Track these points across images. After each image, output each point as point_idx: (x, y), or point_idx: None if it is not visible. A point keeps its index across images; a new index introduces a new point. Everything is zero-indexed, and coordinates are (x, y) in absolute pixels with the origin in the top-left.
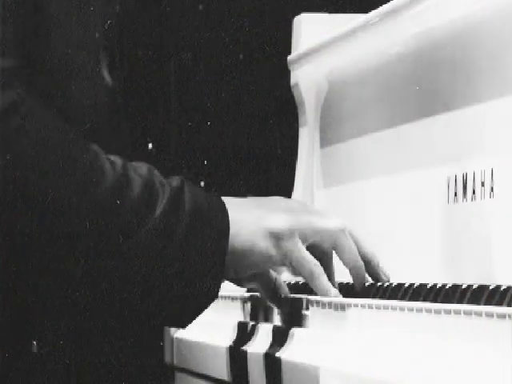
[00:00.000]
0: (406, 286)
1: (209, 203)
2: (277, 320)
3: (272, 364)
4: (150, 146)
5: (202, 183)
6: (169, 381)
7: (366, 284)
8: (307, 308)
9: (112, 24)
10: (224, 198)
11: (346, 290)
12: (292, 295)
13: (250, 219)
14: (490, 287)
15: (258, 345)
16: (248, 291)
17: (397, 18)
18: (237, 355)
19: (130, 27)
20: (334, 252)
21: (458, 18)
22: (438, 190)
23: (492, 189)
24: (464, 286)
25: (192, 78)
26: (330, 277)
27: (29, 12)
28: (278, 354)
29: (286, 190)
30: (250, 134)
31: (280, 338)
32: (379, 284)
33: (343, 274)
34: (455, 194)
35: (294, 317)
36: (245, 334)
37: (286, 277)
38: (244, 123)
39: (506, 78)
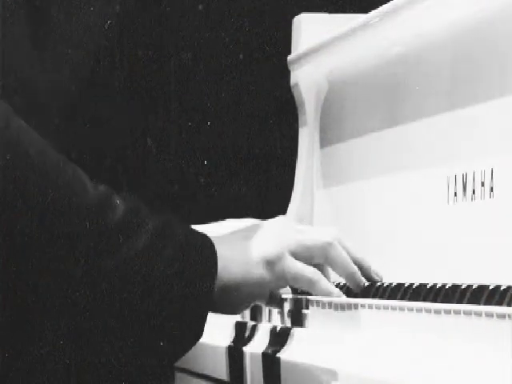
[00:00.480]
0: (406, 285)
1: (195, 240)
2: (276, 320)
3: (271, 364)
4: (150, 144)
5: (202, 183)
6: (169, 381)
7: (366, 284)
8: (307, 308)
9: (112, 24)
10: (210, 236)
11: (346, 291)
12: (292, 295)
13: (237, 252)
14: (490, 287)
15: (258, 345)
16: None
17: (397, 18)
18: (236, 355)
19: (130, 27)
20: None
21: (458, 18)
22: (438, 190)
23: (492, 189)
24: (464, 286)
25: (192, 78)
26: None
27: (29, 12)
28: (277, 354)
29: (286, 190)
30: (250, 134)
31: (280, 338)
32: (379, 284)
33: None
34: (455, 194)
35: (294, 317)
36: (244, 333)
37: None
38: (244, 123)
39: (506, 77)
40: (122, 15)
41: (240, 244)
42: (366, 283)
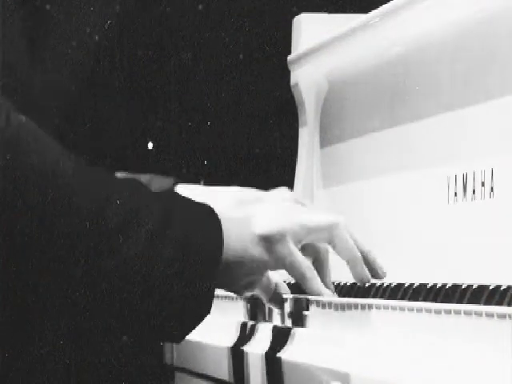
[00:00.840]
0: (406, 285)
1: (200, 215)
2: (277, 320)
3: (273, 364)
4: (150, 145)
5: (202, 183)
6: (169, 381)
7: (366, 284)
8: (307, 308)
9: (112, 24)
10: (212, 206)
11: (346, 290)
12: (292, 295)
13: (238, 227)
14: (490, 287)
15: (259, 345)
16: None
17: (397, 18)
18: (238, 355)
19: (130, 27)
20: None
21: (458, 18)
22: (438, 190)
23: (492, 189)
24: (464, 286)
25: (192, 78)
26: (325, 276)
27: (29, 12)
28: (278, 354)
29: None
30: (250, 134)
31: (280, 338)
32: (379, 284)
33: (344, 275)
34: (455, 194)
35: (295, 317)
36: (245, 333)
37: (286, 276)
38: (244, 123)
39: (506, 77)
40: (122, 15)
41: (240, 218)
42: (367, 283)
